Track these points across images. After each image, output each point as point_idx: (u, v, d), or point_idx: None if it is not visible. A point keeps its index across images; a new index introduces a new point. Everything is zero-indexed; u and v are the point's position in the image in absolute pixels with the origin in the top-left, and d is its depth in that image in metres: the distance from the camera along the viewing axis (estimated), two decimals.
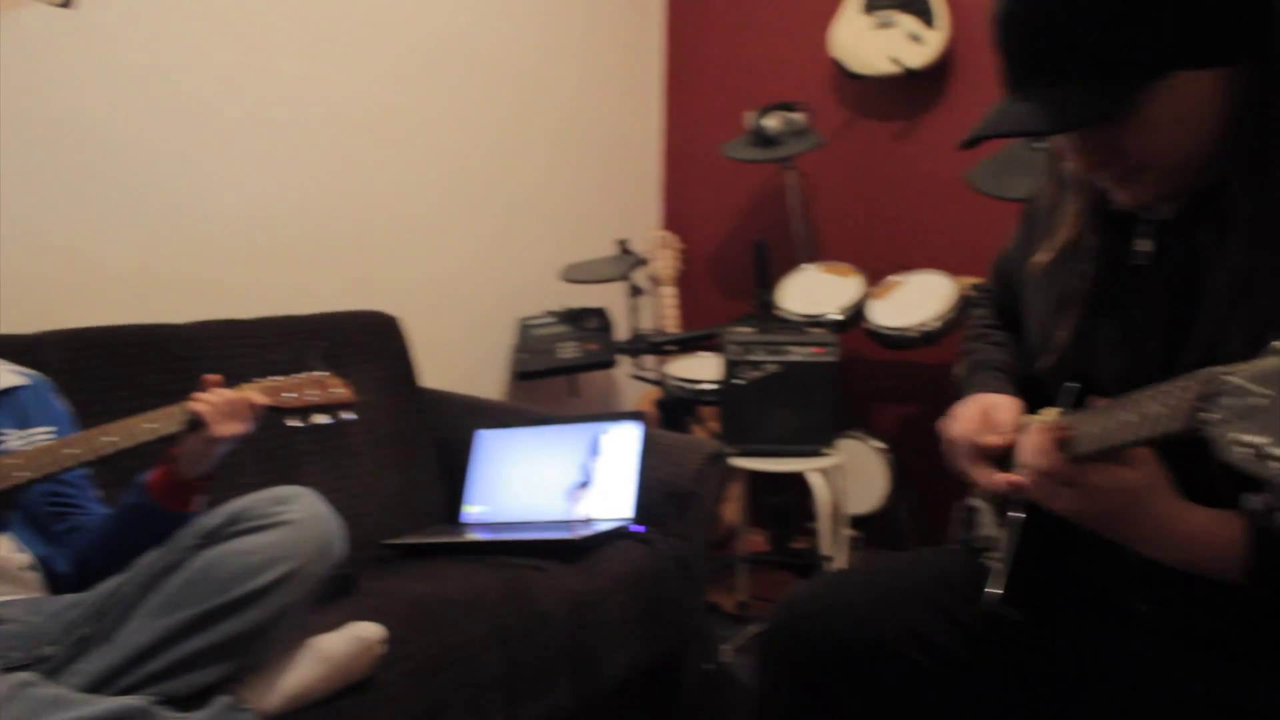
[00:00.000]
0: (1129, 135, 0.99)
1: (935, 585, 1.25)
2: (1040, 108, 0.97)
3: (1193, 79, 0.96)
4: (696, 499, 2.20)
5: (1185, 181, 1.05)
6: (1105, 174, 1.05)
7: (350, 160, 2.68)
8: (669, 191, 3.97)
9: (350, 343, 2.35)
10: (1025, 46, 0.99)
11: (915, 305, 2.91)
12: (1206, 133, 1.00)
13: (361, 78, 2.70)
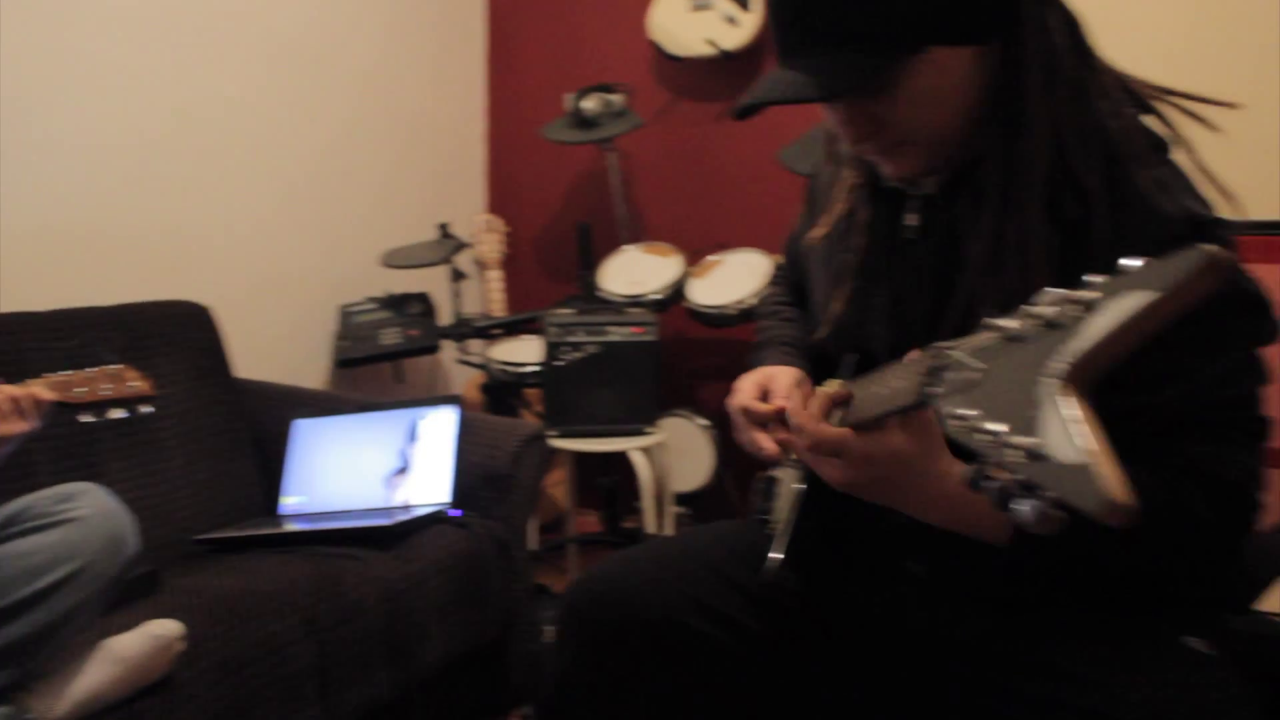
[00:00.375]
0: (890, 109, 1.03)
1: (725, 557, 1.28)
2: (805, 77, 1.00)
3: (949, 55, 1.00)
4: (515, 481, 2.20)
5: (947, 155, 1.09)
6: (870, 147, 1.09)
7: (157, 146, 2.58)
8: (493, 174, 3.95)
9: (157, 334, 2.27)
10: (793, 17, 1.02)
11: (734, 283, 2.97)
12: (963, 108, 1.05)
13: (168, 60, 2.60)
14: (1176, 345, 0.98)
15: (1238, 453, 1.02)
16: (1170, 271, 0.62)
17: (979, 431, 0.65)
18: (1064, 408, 0.61)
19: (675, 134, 3.57)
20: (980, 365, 0.73)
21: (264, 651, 1.60)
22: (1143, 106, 1.08)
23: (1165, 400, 1.00)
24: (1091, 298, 0.65)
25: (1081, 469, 0.57)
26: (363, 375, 3.22)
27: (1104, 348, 0.63)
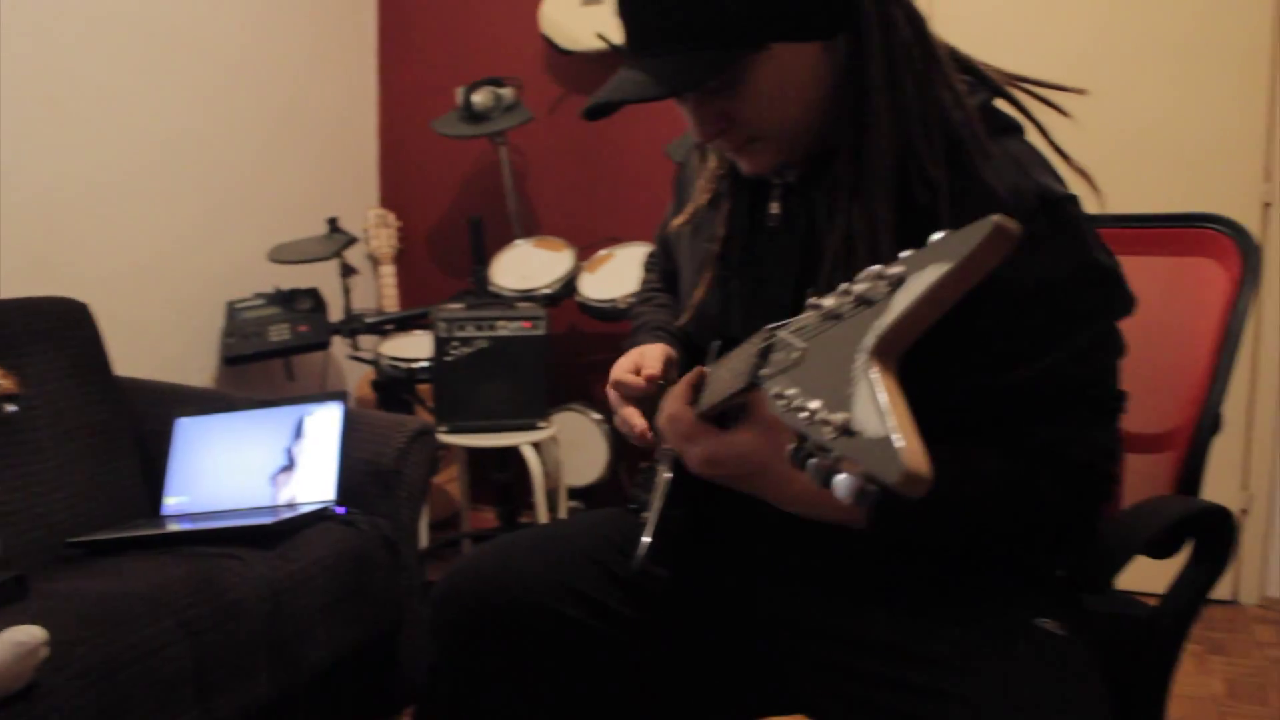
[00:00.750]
0: (737, 105, 1.05)
1: (599, 545, 1.29)
2: (648, 76, 1.02)
3: (792, 51, 1.03)
4: (402, 477, 2.19)
5: (800, 149, 1.12)
6: (722, 143, 1.11)
7: (32, 136, 2.51)
8: (385, 168, 3.92)
9: (29, 331, 2.20)
10: (635, 17, 1.04)
11: (624, 277, 3.00)
12: (811, 103, 1.07)
13: (43, 48, 2.53)
14: (1033, 324, 1.02)
15: (1090, 430, 1.06)
16: (962, 242, 0.64)
17: (798, 410, 0.67)
18: (871, 382, 0.62)
19: (567, 128, 3.58)
20: (802, 344, 0.75)
21: (137, 655, 1.57)
22: (995, 91, 1.11)
23: (1019, 380, 1.03)
24: (898, 273, 0.67)
25: (883, 441, 0.58)
26: (253, 373, 3.17)
27: (906, 321, 0.64)
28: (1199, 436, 1.36)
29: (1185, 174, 2.93)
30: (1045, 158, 1.10)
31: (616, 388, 1.26)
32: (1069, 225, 1.04)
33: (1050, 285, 1.02)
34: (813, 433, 0.64)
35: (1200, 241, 1.44)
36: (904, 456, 0.56)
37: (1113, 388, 1.09)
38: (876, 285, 0.69)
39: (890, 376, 0.63)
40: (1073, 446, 1.04)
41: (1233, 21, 2.86)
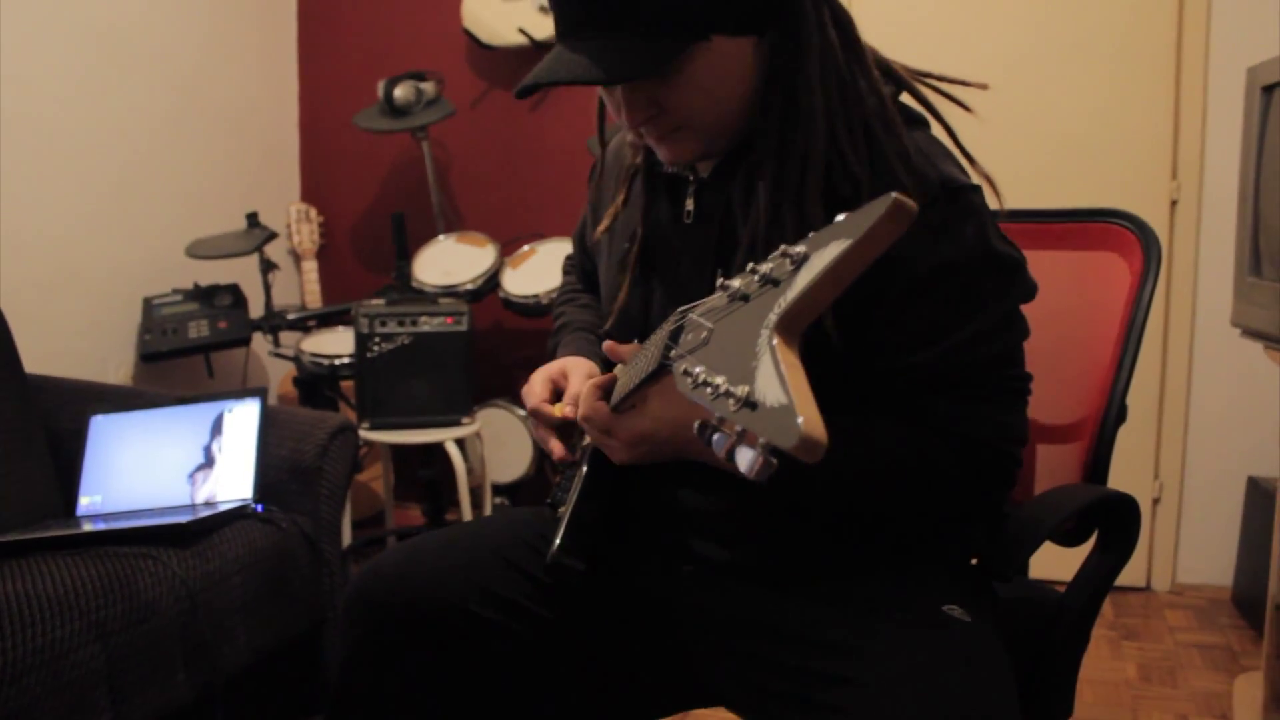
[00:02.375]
0: (669, 93, 1.06)
1: (513, 543, 1.29)
2: (589, 59, 1.02)
3: (728, 44, 1.04)
4: (323, 474, 2.17)
5: (724, 140, 1.13)
6: (648, 130, 1.11)
7: None
8: (307, 163, 3.87)
9: None
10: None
11: (547, 273, 3.00)
12: (739, 95, 1.09)
13: None
14: (935, 307, 1.05)
15: (994, 410, 1.08)
16: (861, 219, 0.66)
17: (704, 386, 0.68)
18: (773, 356, 0.64)
19: (489, 123, 3.57)
20: (709, 325, 0.77)
21: (45, 659, 1.53)
22: (901, 86, 1.14)
23: (923, 360, 1.06)
24: (801, 252, 0.69)
25: (782, 410, 0.59)
26: (172, 371, 3.11)
27: (808, 297, 0.66)
28: (1105, 427, 1.40)
29: (1095, 173, 3.00)
30: (948, 150, 1.12)
31: (534, 415, 1.27)
32: (971, 213, 1.07)
33: (951, 269, 1.04)
34: (717, 407, 0.66)
35: (1104, 236, 1.48)
36: (801, 424, 0.57)
37: (1016, 369, 1.12)
38: (781, 264, 0.71)
39: (792, 351, 0.65)
40: (972, 423, 1.07)
41: (1139, 26, 2.93)
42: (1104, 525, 1.30)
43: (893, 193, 0.65)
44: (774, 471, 0.64)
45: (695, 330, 0.80)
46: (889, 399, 1.08)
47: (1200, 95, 2.90)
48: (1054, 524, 1.21)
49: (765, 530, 1.17)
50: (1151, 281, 1.39)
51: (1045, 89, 3.02)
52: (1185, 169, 2.94)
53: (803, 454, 0.57)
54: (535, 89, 1.07)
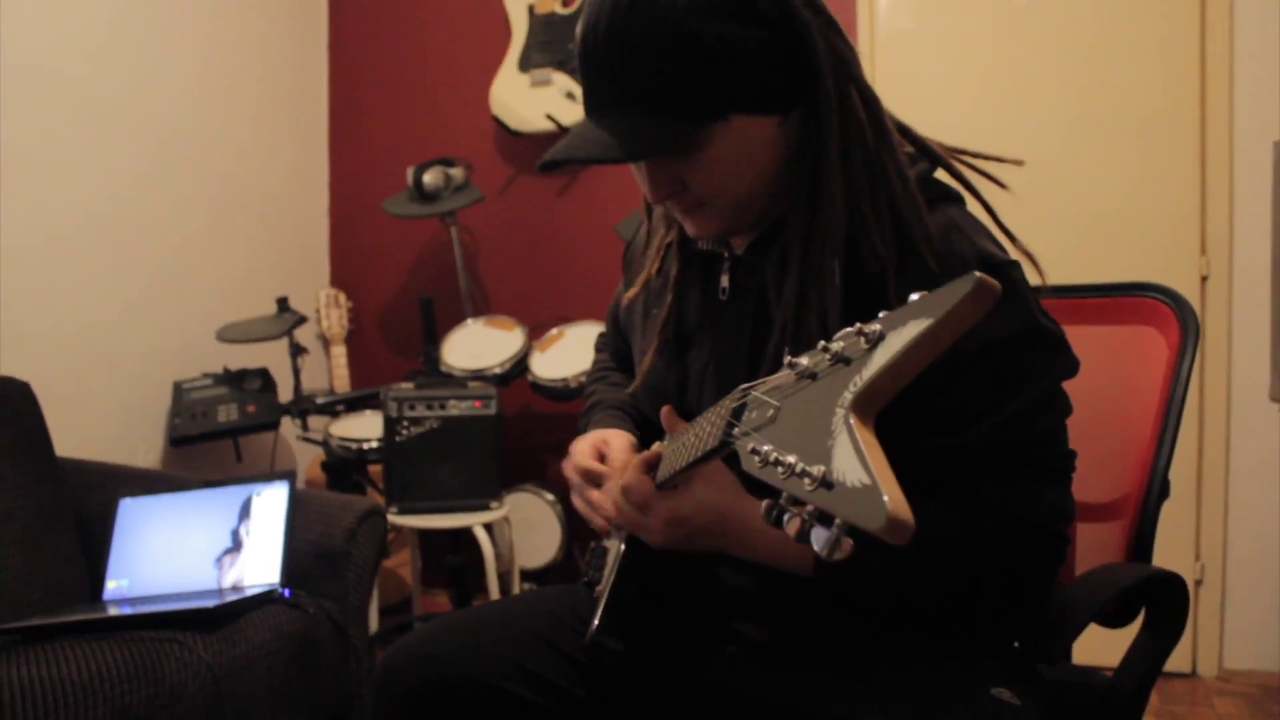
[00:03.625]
0: (692, 171, 1.06)
1: (548, 622, 1.27)
2: (610, 137, 1.02)
3: (750, 123, 1.04)
4: (350, 559, 2.15)
5: (749, 217, 1.13)
6: (673, 205, 1.12)
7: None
8: (336, 248, 3.92)
9: None
10: (599, 76, 1.05)
11: (575, 356, 3.00)
12: (763, 173, 1.09)
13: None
14: (978, 385, 1.03)
15: (1040, 490, 1.06)
16: (943, 299, 0.65)
17: (774, 465, 0.67)
18: (851, 435, 0.63)
19: (517, 208, 3.60)
20: (776, 403, 0.76)
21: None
22: (936, 162, 1.13)
23: (966, 440, 1.04)
24: (877, 331, 0.68)
25: (865, 490, 0.59)
26: (200, 454, 3.12)
27: (886, 375, 0.65)
28: (1148, 503, 1.37)
29: (1124, 250, 2.99)
30: (985, 226, 1.12)
31: (582, 473, 1.25)
32: (1011, 289, 1.05)
33: (995, 346, 1.03)
34: (790, 486, 0.65)
35: (1139, 310, 1.47)
36: (888, 504, 0.57)
37: (1061, 447, 1.09)
38: (855, 342, 0.70)
39: (869, 430, 0.63)
40: (1020, 504, 1.04)
41: (1163, 103, 2.95)
42: (1151, 605, 1.26)
43: (976, 272, 0.64)
44: (851, 552, 0.63)
45: (760, 408, 0.78)
46: (931, 482, 1.06)
47: (1226, 170, 2.90)
48: (1100, 604, 1.18)
49: (806, 611, 1.14)
50: (1190, 355, 1.37)
51: (1070, 167, 3.02)
52: (1214, 244, 2.92)
53: (890, 535, 0.57)
54: (556, 165, 1.07)
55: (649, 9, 0.99)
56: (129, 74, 2.94)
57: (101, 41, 2.85)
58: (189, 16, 3.19)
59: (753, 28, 1.01)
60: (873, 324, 0.69)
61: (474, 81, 3.56)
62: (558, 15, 3.38)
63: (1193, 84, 2.92)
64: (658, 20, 0.99)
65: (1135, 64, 2.98)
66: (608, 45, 1.02)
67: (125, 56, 2.93)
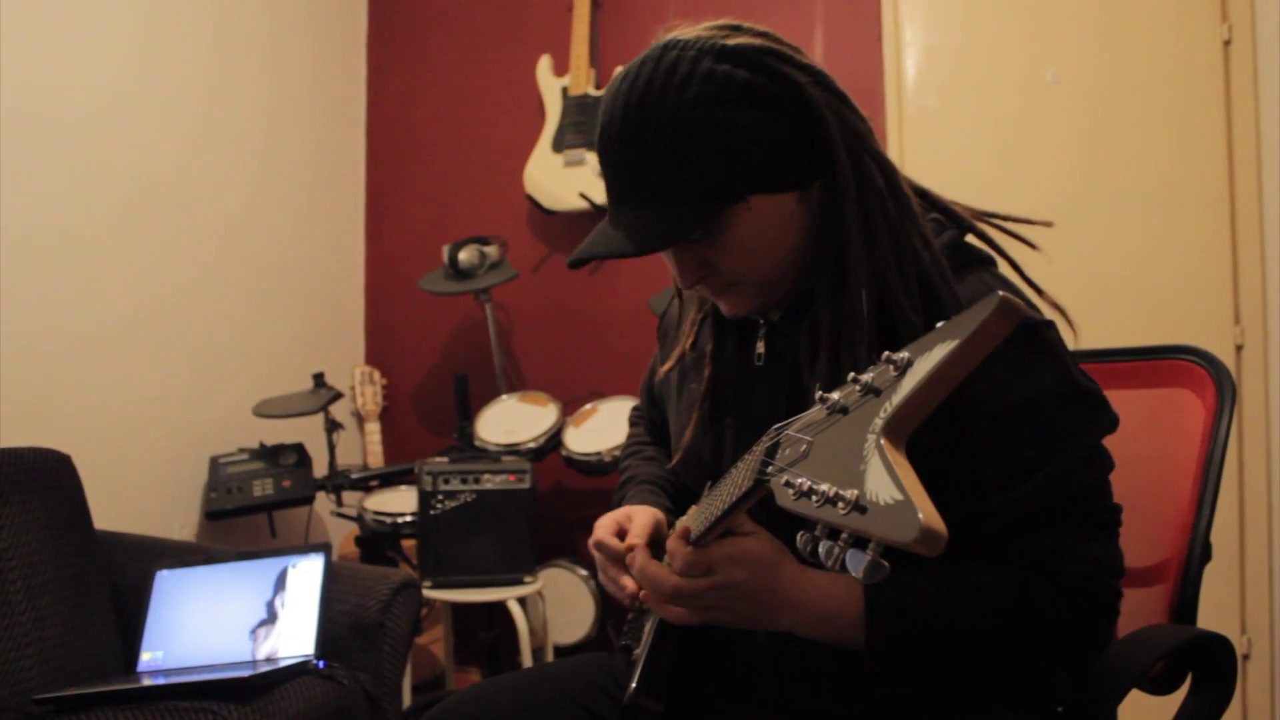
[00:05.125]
0: (717, 254, 1.09)
1: (585, 688, 1.27)
2: (626, 233, 1.05)
3: (769, 202, 1.07)
4: (385, 631, 2.15)
5: (780, 293, 1.15)
6: (703, 288, 1.14)
7: (24, 288, 2.54)
8: (371, 326, 3.96)
9: (9, 481, 2.17)
10: (615, 174, 1.08)
11: (609, 431, 3.00)
12: (788, 249, 1.10)
13: (36, 201, 2.58)
14: (1021, 445, 1.03)
15: (1089, 546, 1.06)
16: (968, 321, 0.66)
17: (808, 495, 0.68)
18: (882, 457, 0.64)
19: (550, 285, 3.64)
20: (809, 439, 0.77)
21: None
22: (964, 228, 1.15)
23: (1011, 500, 1.04)
24: (905, 358, 0.69)
25: (898, 506, 0.59)
26: (236, 528, 3.14)
27: (916, 398, 0.66)
28: (1189, 566, 1.35)
29: (1159, 321, 2.98)
30: (1017, 288, 1.13)
31: (599, 549, 1.25)
32: (1048, 348, 1.06)
33: (1035, 405, 1.03)
34: (824, 514, 0.66)
35: (1174, 373, 1.46)
36: (922, 518, 0.57)
37: (1106, 501, 1.09)
38: (884, 371, 0.71)
39: (900, 453, 0.64)
40: (1069, 559, 1.04)
41: (1194, 171, 2.96)
42: (1197, 669, 1.24)
43: (998, 292, 0.65)
44: (886, 575, 0.63)
45: (793, 445, 0.79)
46: (977, 544, 1.06)
47: (1257, 238, 2.89)
48: (1144, 666, 1.17)
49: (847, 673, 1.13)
50: (1228, 415, 1.36)
51: (1101, 241, 3.03)
52: (1248, 312, 2.91)
53: (924, 547, 0.57)
54: (582, 263, 1.10)
55: (658, 105, 1.02)
56: (175, 157, 3.03)
57: (150, 124, 2.93)
58: (235, 101, 3.28)
59: (761, 111, 1.03)
60: (901, 352, 0.70)
61: (508, 161, 3.63)
62: (591, 97, 3.45)
63: (1219, 154, 2.94)
64: (667, 116, 1.02)
65: (1161, 135, 3.00)
66: (623, 144, 1.05)
67: (165, 140, 3.01)
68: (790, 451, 0.79)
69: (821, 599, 1.03)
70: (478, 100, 3.81)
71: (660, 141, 1.02)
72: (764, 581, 1.03)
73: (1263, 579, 2.92)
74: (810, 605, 1.04)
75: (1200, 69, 2.97)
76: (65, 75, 2.66)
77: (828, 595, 1.04)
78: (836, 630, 1.04)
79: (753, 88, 1.03)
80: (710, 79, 1.02)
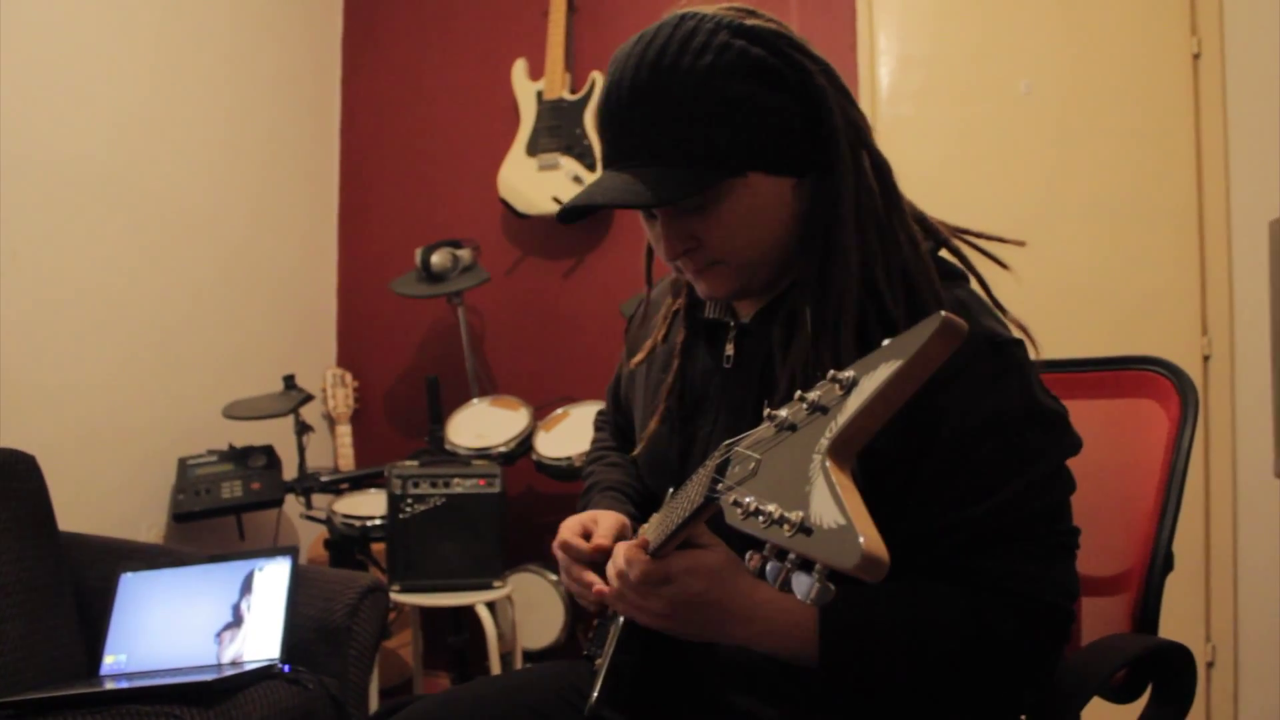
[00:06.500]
0: (707, 227, 1.09)
1: (548, 699, 1.26)
2: (631, 184, 1.05)
3: (766, 182, 1.08)
4: (352, 635, 2.14)
5: (760, 279, 1.15)
6: (685, 263, 1.14)
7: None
8: (343, 328, 3.94)
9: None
10: (623, 129, 1.08)
11: (579, 436, 3.00)
12: (775, 234, 1.11)
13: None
14: (982, 463, 1.04)
15: (1044, 567, 1.05)
16: (911, 340, 0.66)
17: (755, 515, 0.67)
18: (827, 479, 0.64)
19: (523, 289, 3.64)
20: (757, 456, 0.77)
21: None
22: (939, 242, 1.16)
23: (970, 517, 1.04)
24: (850, 377, 0.69)
25: (840, 530, 0.59)
26: (203, 531, 3.11)
27: (860, 420, 0.66)
28: (1152, 576, 1.36)
29: (1127, 331, 3.01)
30: (988, 305, 1.13)
31: (565, 549, 1.25)
32: (1015, 367, 1.07)
33: (998, 424, 1.04)
34: (771, 535, 0.65)
35: (1139, 384, 1.47)
36: (863, 543, 0.57)
37: (1065, 524, 1.09)
38: (830, 390, 0.71)
39: (845, 474, 0.64)
40: (1025, 581, 1.04)
41: (1164, 182, 2.99)
42: (1157, 678, 1.25)
43: (941, 311, 0.65)
44: (831, 598, 0.63)
45: (743, 462, 0.79)
46: (935, 561, 1.06)
47: (1225, 250, 2.92)
48: (1105, 674, 1.17)
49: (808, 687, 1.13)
50: (1190, 426, 1.37)
51: (1070, 251, 3.05)
52: (1215, 323, 2.94)
53: (865, 573, 0.57)
54: (579, 213, 1.10)
55: (673, 67, 1.03)
56: (143, 154, 3.00)
57: (115, 120, 2.90)
58: (204, 98, 3.26)
59: (772, 92, 1.05)
60: (846, 371, 0.70)
61: (482, 165, 3.62)
62: (566, 101, 3.45)
63: (1189, 165, 2.97)
64: (681, 77, 1.03)
65: (1131, 147, 3.03)
66: (633, 99, 1.05)
67: (139, 136, 2.98)
68: (739, 469, 0.79)
69: (776, 614, 1.03)
70: (452, 103, 3.80)
71: (670, 100, 1.03)
72: (719, 594, 1.02)
73: (1227, 588, 2.94)
74: (764, 620, 1.04)
75: (1170, 82, 3.00)
76: (26, 73, 2.63)
77: (782, 610, 1.03)
78: (790, 646, 1.04)
79: (766, 67, 1.05)
80: (726, 50, 1.04)
